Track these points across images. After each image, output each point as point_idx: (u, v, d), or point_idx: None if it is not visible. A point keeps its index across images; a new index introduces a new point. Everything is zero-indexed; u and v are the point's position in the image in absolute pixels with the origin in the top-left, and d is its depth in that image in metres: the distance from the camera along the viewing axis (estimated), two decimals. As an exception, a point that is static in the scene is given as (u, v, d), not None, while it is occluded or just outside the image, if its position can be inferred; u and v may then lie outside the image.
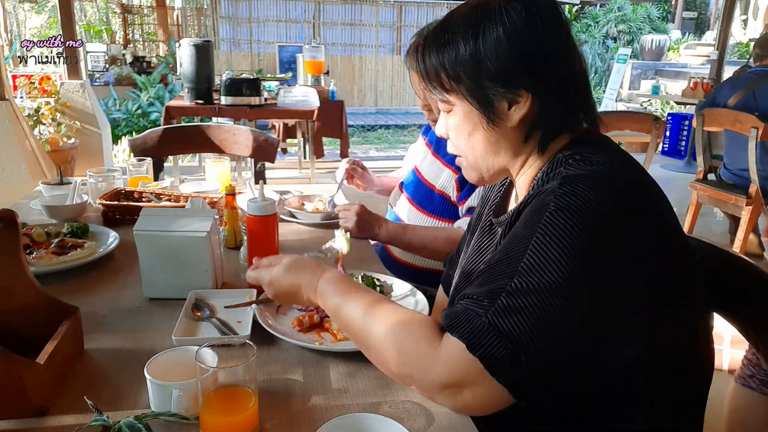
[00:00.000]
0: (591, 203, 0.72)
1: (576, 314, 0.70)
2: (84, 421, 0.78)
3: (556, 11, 0.84)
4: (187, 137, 2.51)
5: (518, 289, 0.71)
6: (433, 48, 0.86)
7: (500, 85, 0.82)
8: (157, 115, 7.69)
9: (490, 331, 0.70)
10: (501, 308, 0.71)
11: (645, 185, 0.80)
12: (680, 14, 15.56)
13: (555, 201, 0.73)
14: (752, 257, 1.04)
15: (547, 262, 0.70)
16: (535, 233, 0.72)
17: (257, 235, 1.21)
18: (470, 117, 0.86)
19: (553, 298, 0.69)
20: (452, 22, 0.85)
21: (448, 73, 0.85)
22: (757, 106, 3.42)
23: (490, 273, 0.76)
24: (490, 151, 0.88)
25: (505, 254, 0.76)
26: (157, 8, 10.84)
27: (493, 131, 0.86)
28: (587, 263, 0.70)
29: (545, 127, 0.85)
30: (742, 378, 1.22)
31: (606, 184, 0.74)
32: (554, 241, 0.70)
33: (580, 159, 0.79)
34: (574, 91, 0.86)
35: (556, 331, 0.70)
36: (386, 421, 0.75)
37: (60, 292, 0.99)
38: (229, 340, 0.95)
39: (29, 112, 4.71)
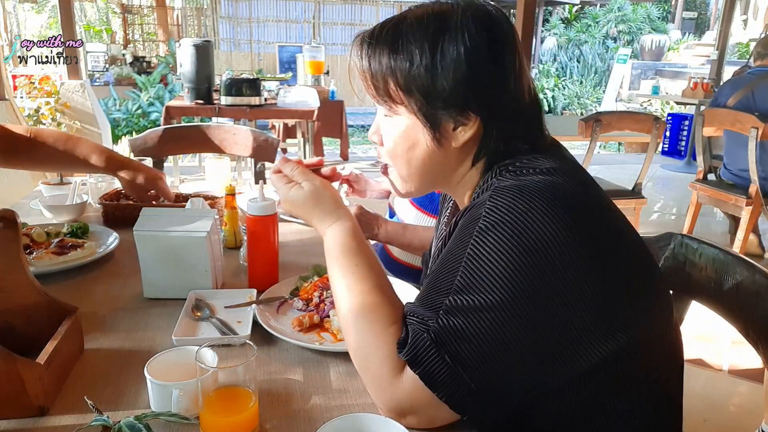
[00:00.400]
0: (520, 217, 0.70)
1: (512, 331, 0.69)
2: (84, 421, 0.78)
3: (513, 34, 0.81)
4: (187, 137, 2.51)
5: (453, 306, 0.71)
6: (384, 51, 0.81)
7: (451, 106, 0.79)
8: (157, 115, 7.69)
9: (431, 347, 0.72)
10: (440, 326, 0.72)
11: (580, 190, 0.77)
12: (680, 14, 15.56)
13: (485, 215, 0.72)
14: (752, 257, 1.04)
15: (479, 281, 0.70)
16: (466, 250, 0.72)
17: (257, 235, 1.21)
18: (413, 131, 0.83)
19: (486, 316, 0.69)
20: (407, 26, 0.80)
21: (399, 84, 0.80)
22: (757, 106, 3.42)
23: (430, 287, 0.77)
24: (428, 169, 0.86)
25: (441, 269, 0.76)
26: (157, 8, 10.84)
27: (436, 150, 0.83)
28: (519, 281, 0.68)
29: (491, 150, 0.83)
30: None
31: (536, 194, 0.72)
32: (485, 259, 0.70)
33: (513, 169, 0.78)
34: (523, 117, 0.83)
35: (493, 348, 0.70)
36: (386, 421, 0.75)
37: (60, 292, 0.99)
38: (229, 340, 0.95)
39: (29, 112, 4.72)
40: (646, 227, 4.45)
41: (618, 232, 0.78)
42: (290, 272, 1.28)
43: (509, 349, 0.70)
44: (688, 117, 7.04)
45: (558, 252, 0.69)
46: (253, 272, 1.23)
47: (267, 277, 1.22)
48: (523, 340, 0.70)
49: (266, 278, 1.22)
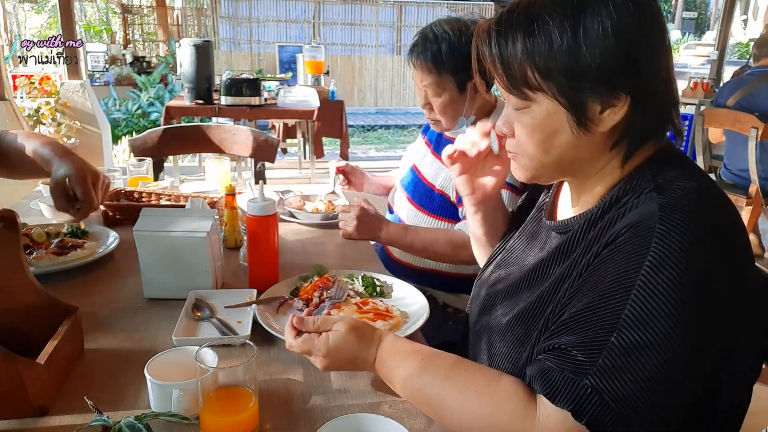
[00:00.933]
0: (695, 244, 0.65)
1: (684, 370, 0.65)
2: (84, 421, 0.78)
3: (658, 7, 0.75)
4: (187, 137, 2.51)
5: (622, 345, 0.64)
6: (518, 36, 0.73)
7: (598, 85, 0.72)
8: (157, 115, 7.69)
9: (594, 395, 0.64)
10: (604, 368, 0.64)
11: (733, 214, 0.73)
12: (680, 14, 15.58)
13: (657, 245, 0.65)
14: (752, 257, 1.03)
15: (654, 315, 0.63)
16: (636, 280, 0.65)
17: (257, 235, 1.21)
18: (555, 118, 0.75)
19: (661, 354, 0.63)
20: (540, 6, 0.73)
21: (538, 68, 0.73)
22: (757, 106, 3.42)
23: (586, 320, 0.68)
24: (569, 156, 0.78)
25: (599, 301, 0.68)
26: (157, 8, 10.84)
27: (580, 135, 0.75)
28: (696, 313, 0.64)
29: (635, 135, 0.76)
30: None
31: (706, 221, 0.68)
32: (660, 291, 0.63)
33: (670, 181, 0.72)
34: (669, 97, 0.77)
35: (665, 390, 0.64)
36: (386, 421, 0.75)
37: (60, 292, 0.99)
38: (229, 340, 0.95)
39: (29, 112, 4.72)
40: (646, 227, 4.43)
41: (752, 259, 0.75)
42: (290, 272, 1.28)
43: (674, 389, 0.65)
44: (688, 117, 7.02)
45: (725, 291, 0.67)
46: (253, 272, 1.23)
47: (267, 277, 1.23)
48: (689, 373, 0.66)
49: (266, 278, 1.22)
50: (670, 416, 0.66)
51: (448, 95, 1.49)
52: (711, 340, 0.66)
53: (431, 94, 1.51)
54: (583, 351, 0.66)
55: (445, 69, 1.45)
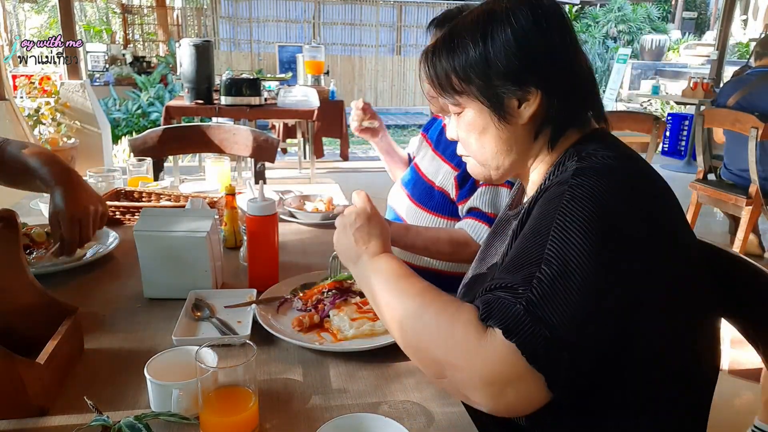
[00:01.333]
0: (604, 191, 0.75)
1: (603, 297, 0.72)
2: (84, 421, 0.78)
3: (561, 14, 0.88)
4: (187, 137, 2.51)
5: (547, 275, 0.71)
6: (443, 53, 0.89)
7: (510, 82, 0.85)
8: (157, 115, 7.69)
9: (525, 317, 0.70)
10: (534, 295, 0.71)
11: (654, 179, 0.82)
12: (680, 14, 15.57)
13: (569, 190, 0.76)
14: (752, 257, 1.03)
15: (570, 248, 0.72)
16: (554, 221, 0.75)
17: (257, 235, 1.21)
18: (481, 116, 0.89)
19: (581, 282, 0.70)
20: (460, 28, 0.89)
21: (459, 75, 0.88)
22: (757, 106, 3.42)
23: (517, 261, 0.76)
24: (502, 150, 0.91)
25: (529, 242, 0.77)
26: (157, 8, 10.84)
27: (504, 129, 0.89)
28: (606, 247, 0.72)
29: (554, 123, 0.88)
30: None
31: (617, 175, 0.78)
32: (573, 227, 0.73)
33: (591, 153, 0.82)
34: (581, 88, 0.89)
35: (587, 315, 0.71)
36: (386, 421, 0.75)
37: (60, 292, 0.99)
38: (229, 340, 0.95)
39: (29, 112, 4.72)
40: (646, 227, 4.44)
41: (683, 221, 0.84)
42: (290, 272, 1.28)
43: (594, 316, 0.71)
44: (688, 117, 7.04)
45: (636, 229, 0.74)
46: (253, 272, 1.23)
47: (267, 277, 1.23)
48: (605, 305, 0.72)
49: (266, 278, 1.22)
50: (593, 344, 0.72)
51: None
52: (620, 277, 0.73)
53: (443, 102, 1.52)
54: (520, 283, 0.73)
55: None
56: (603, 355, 0.74)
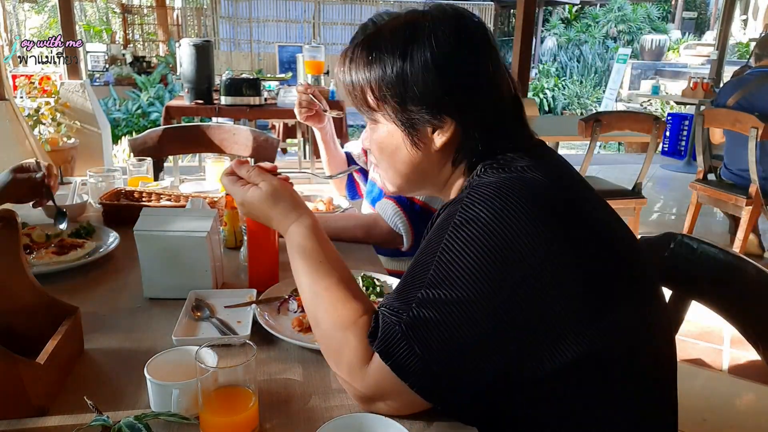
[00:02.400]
0: (494, 213, 0.72)
1: (481, 325, 0.71)
2: (84, 421, 0.78)
3: (485, 35, 0.83)
4: (187, 137, 2.51)
5: (426, 299, 0.73)
6: (360, 64, 0.85)
7: (425, 110, 0.82)
8: (157, 115, 7.69)
9: (402, 339, 0.73)
10: (412, 318, 0.73)
11: (561, 186, 0.79)
12: (680, 14, 15.57)
13: (460, 211, 0.74)
14: (752, 257, 1.03)
15: (451, 276, 0.71)
16: (440, 245, 0.74)
17: (257, 235, 1.21)
18: (394, 136, 0.86)
19: (457, 310, 0.71)
20: (380, 39, 0.84)
21: (374, 93, 0.84)
22: (757, 106, 3.42)
23: (405, 281, 0.78)
24: (412, 173, 0.89)
25: (416, 263, 0.77)
26: (157, 8, 10.84)
27: (416, 154, 0.86)
28: (489, 277, 0.70)
29: (470, 153, 0.85)
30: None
31: (511, 190, 0.73)
32: (457, 255, 0.72)
33: (497, 166, 0.80)
34: (500, 118, 0.84)
35: (463, 342, 0.72)
36: (386, 421, 0.75)
37: (60, 292, 0.99)
38: (229, 340, 0.95)
39: (29, 112, 4.72)
40: (646, 227, 4.45)
41: (601, 230, 0.79)
42: (290, 272, 1.28)
43: (477, 342, 0.72)
44: (688, 117, 7.04)
45: (528, 247, 0.71)
46: (253, 272, 1.23)
47: (267, 277, 1.22)
48: (491, 333, 0.72)
49: (266, 278, 1.22)
50: (472, 364, 0.73)
51: None
52: (508, 296, 0.71)
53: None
54: (401, 303, 0.75)
55: None
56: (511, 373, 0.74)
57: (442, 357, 0.72)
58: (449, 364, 0.73)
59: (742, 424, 2.13)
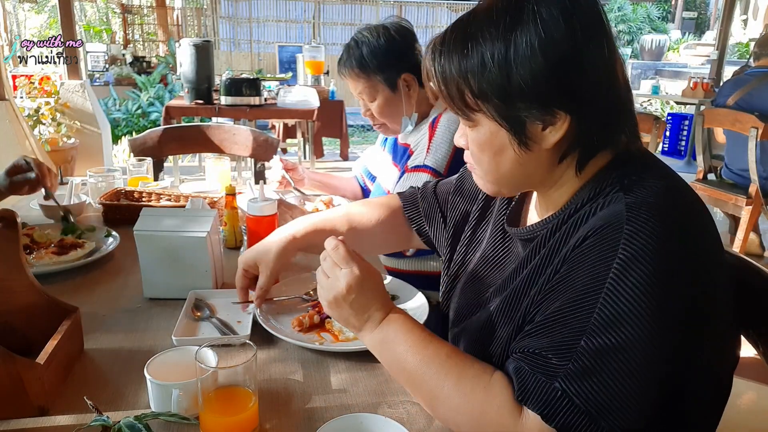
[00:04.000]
0: (663, 245, 0.65)
1: (655, 368, 0.65)
2: (84, 421, 0.78)
3: (599, 15, 0.72)
4: (187, 137, 2.51)
5: (592, 348, 0.64)
6: (454, 57, 0.73)
7: (534, 105, 0.71)
8: (157, 115, 7.68)
9: (564, 398, 0.65)
10: (574, 371, 0.65)
11: (701, 208, 0.73)
12: (680, 14, 15.57)
13: (626, 245, 0.65)
14: (752, 257, 1.03)
15: (623, 318, 0.63)
16: (606, 282, 0.65)
17: (257, 235, 1.20)
18: (498, 137, 0.75)
19: (632, 355, 0.63)
20: (476, 25, 0.72)
21: (473, 91, 0.73)
22: (756, 106, 3.42)
23: (556, 322, 0.69)
24: (519, 173, 0.78)
25: (570, 304, 0.68)
26: (157, 8, 10.84)
27: (524, 154, 0.75)
28: (665, 313, 0.64)
29: (584, 147, 0.75)
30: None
31: (674, 219, 0.67)
32: (628, 293, 0.64)
33: (636, 182, 0.71)
34: (617, 108, 0.75)
35: (635, 389, 0.64)
36: (386, 421, 0.75)
37: (60, 292, 0.99)
38: (229, 340, 0.95)
39: (29, 112, 4.72)
40: (646, 227, 4.44)
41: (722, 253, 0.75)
42: (290, 272, 1.28)
43: (644, 387, 0.65)
44: (688, 117, 7.04)
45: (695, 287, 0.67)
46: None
47: (267, 277, 1.22)
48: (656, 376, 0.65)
49: (266, 278, 1.22)
50: (640, 417, 0.65)
51: (383, 96, 1.55)
52: (679, 340, 0.66)
53: (368, 100, 1.58)
54: (555, 354, 0.67)
55: (371, 70, 1.52)
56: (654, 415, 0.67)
57: (612, 411, 0.64)
58: (620, 417, 0.64)
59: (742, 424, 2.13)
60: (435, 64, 0.76)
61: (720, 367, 0.77)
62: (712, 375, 0.74)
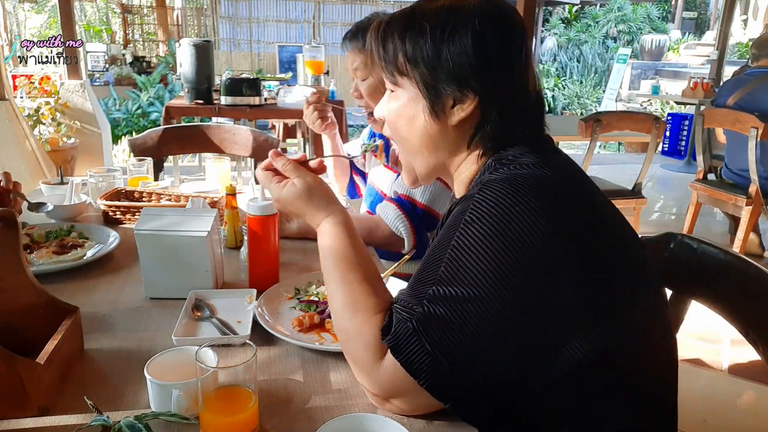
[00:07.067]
0: (505, 210, 0.73)
1: (490, 323, 0.72)
2: (84, 421, 0.78)
3: (523, 32, 0.87)
4: (187, 137, 2.51)
5: (437, 296, 0.74)
6: (399, 28, 0.87)
7: (453, 81, 0.83)
8: (157, 115, 7.69)
9: (413, 336, 0.74)
10: (423, 314, 0.74)
11: (569, 183, 0.81)
12: (680, 14, 15.56)
13: (472, 208, 0.75)
14: (752, 257, 1.03)
15: (461, 273, 0.73)
16: (452, 241, 0.75)
17: (258, 235, 1.21)
18: (415, 103, 0.87)
19: (468, 307, 0.72)
20: (424, 11, 0.86)
21: (407, 56, 0.85)
22: (756, 106, 3.42)
23: (417, 277, 0.79)
24: (426, 145, 0.89)
25: (428, 259, 0.79)
26: (157, 8, 10.84)
27: (433, 124, 0.87)
28: (499, 275, 0.71)
29: (486, 137, 0.86)
30: None
31: (523, 187, 0.75)
32: (468, 252, 0.73)
33: (507, 162, 0.81)
34: (523, 109, 0.86)
35: (472, 339, 0.72)
36: (386, 421, 0.75)
37: (60, 292, 0.99)
38: (229, 340, 0.95)
39: (29, 112, 4.72)
40: (646, 227, 4.45)
41: (607, 227, 0.81)
42: (290, 272, 1.28)
43: (489, 339, 0.72)
44: (688, 117, 7.04)
45: (540, 244, 0.72)
46: (254, 272, 1.23)
47: (267, 277, 1.23)
48: (503, 329, 0.72)
49: (266, 278, 1.22)
50: (484, 363, 0.73)
51: (375, 77, 1.53)
52: (521, 296, 0.72)
53: (359, 78, 1.57)
54: (413, 298, 0.77)
55: None
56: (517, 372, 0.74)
57: (451, 354, 0.73)
58: (459, 361, 0.73)
59: (742, 424, 2.13)
60: (379, 33, 0.89)
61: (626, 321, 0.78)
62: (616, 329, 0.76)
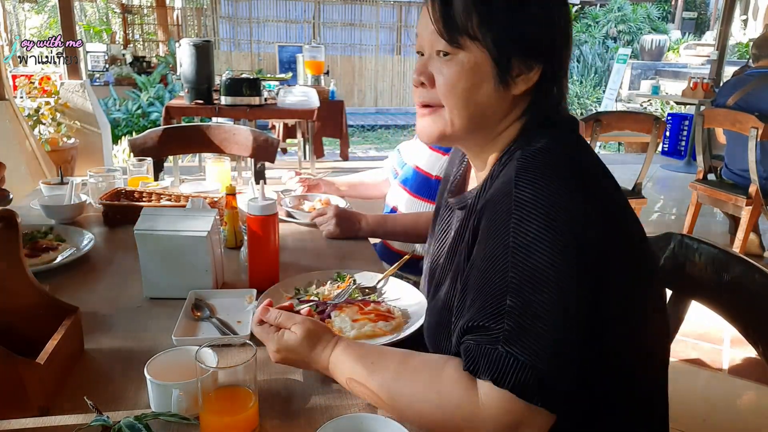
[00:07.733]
0: (549, 196, 0.73)
1: (574, 314, 0.70)
2: (84, 421, 0.78)
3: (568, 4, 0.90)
4: (187, 137, 2.51)
5: (516, 306, 0.70)
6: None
7: (522, 50, 0.82)
8: (157, 115, 7.69)
9: (509, 357, 0.69)
10: (509, 332, 0.69)
11: (602, 169, 0.83)
12: (680, 14, 15.56)
13: (516, 205, 0.74)
14: (752, 257, 1.03)
15: (535, 273, 0.70)
16: (508, 244, 0.72)
17: (257, 235, 1.21)
18: (479, 70, 0.83)
19: (550, 305, 0.69)
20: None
21: (481, 17, 0.81)
22: (756, 106, 3.42)
23: (480, 291, 0.74)
24: (483, 112, 0.86)
25: (488, 267, 0.74)
26: (157, 8, 10.84)
27: (497, 92, 0.84)
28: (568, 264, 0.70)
29: (538, 107, 0.87)
30: None
31: (558, 174, 0.76)
32: (531, 250, 0.71)
33: (534, 143, 0.82)
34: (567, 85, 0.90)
35: (565, 335, 0.69)
36: (386, 421, 0.75)
37: (60, 292, 0.99)
38: (229, 340, 0.95)
39: (29, 112, 4.72)
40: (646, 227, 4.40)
41: (627, 210, 0.84)
42: (290, 272, 1.28)
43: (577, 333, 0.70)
44: (688, 117, 7.04)
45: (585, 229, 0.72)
46: (254, 272, 1.23)
47: (267, 276, 1.22)
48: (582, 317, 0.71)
49: (266, 278, 1.22)
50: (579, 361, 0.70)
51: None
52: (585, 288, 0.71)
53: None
54: (489, 320, 0.71)
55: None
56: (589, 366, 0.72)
57: (551, 361, 0.68)
58: (559, 365, 0.69)
59: (742, 424, 2.13)
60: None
61: (632, 312, 0.80)
62: (627, 324, 0.78)
